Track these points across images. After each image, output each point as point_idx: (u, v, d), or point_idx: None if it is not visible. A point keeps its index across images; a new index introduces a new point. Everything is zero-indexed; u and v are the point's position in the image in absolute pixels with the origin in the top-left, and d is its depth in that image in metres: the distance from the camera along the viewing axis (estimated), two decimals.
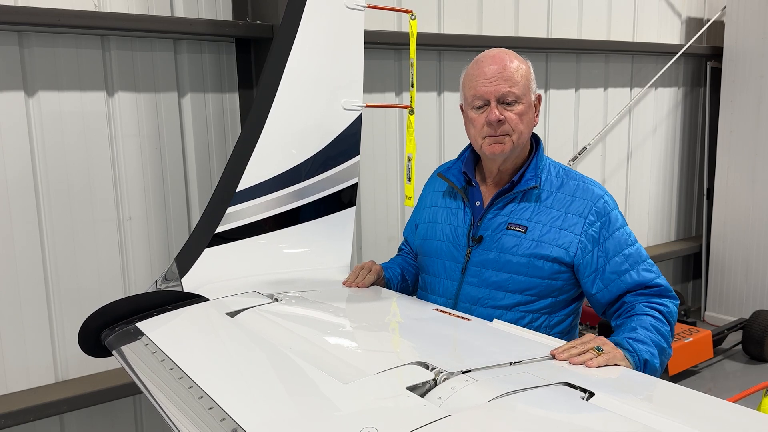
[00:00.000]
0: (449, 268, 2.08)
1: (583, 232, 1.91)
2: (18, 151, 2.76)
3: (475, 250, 2.01)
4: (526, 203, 1.98)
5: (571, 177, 2.01)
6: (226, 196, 2.32)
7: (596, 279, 1.91)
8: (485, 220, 2.01)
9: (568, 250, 1.91)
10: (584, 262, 1.91)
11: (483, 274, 1.99)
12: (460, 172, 2.11)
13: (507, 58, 1.94)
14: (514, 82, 1.91)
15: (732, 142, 5.42)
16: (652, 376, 1.56)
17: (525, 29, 4.44)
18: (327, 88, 2.46)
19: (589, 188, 1.97)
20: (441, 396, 1.34)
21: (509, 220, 1.97)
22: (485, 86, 1.92)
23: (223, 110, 3.32)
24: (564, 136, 4.85)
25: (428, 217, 2.21)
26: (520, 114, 1.93)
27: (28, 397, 2.83)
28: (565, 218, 1.93)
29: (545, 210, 1.95)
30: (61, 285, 2.92)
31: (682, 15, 5.54)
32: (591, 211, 1.92)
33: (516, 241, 1.94)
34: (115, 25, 2.84)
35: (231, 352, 1.73)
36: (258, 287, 2.15)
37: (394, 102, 3.86)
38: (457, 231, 2.07)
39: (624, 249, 1.91)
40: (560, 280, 1.95)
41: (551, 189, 1.98)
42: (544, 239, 1.92)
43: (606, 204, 1.95)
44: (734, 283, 5.51)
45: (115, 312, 2.02)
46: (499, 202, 2.00)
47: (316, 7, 2.39)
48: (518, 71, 1.93)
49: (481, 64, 1.96)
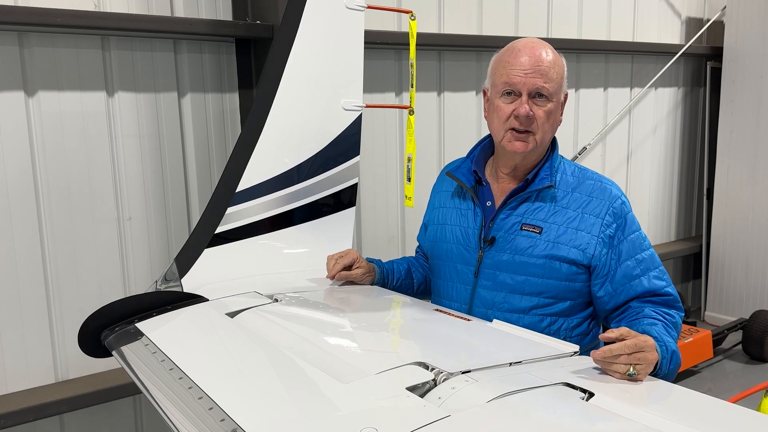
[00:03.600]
0: (461, 271, 2.01)
1: (601, 233, 1.85)
2: (18, 151, 2.76)
3: (488, 251, 1.94)
4: (540, 203, 1.91)
5: (588, 176, 1.94)
6: (226, 196, 2.32)
7: (606, 282, 1.86)
8: (498, 221, 1.94)
9: (585, 251, 1.85)
10: (600, 264, 1.85)
11: (497, 277, 1.92)
12: (469, 171, 2.04)
13: (545, 51, 1.86)
14: (550, 78, 1.84)
15: (732, 142, 5.42)
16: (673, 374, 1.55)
17: (525, 29, 4.44)
18: (327, 89, 2.46)
19: (607, 188, 1.91)
20: (441, 396, 1.34)
21: (523, 220, 1.91)
22: (519, 76, 1.83)
23: (223, 110, 3.32)
24: (564, 136, 4.85)
25: (437, 218, 2.14)
26: (548, 112, 1.86)
27: (28, 397, 2.82)
28: (582, 219, 1.86)
29: (561, 210, 1.89)
30: (61, 285, 2.92)
31: (682, 15, 5.54)
32: (608, 212, 1.86)
33: (531, 242, 1.88)
34: (115, 25, 2.83)
35: (231, 353, 1.73)
36: (258, 287, 2.15)
37: (394, 102, 3.85)
38: (468, 232, 2.00)
39: (637, 253, 1.86)
40: (578, 281, 1.88)
41: (567, 188, 1.92)
42: (560, 240, 1.86)
43: (623, 205, 1.89)
44: (734, 283, 5.50)
45: (114, 312, 2.01)
46: (513, 201, 1.94)
47: (316, 7, 2.39)
48: (555, 67, 1.85)
49: (518, 53, 1.85)
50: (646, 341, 1.50)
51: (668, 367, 1.60)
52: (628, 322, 1.80)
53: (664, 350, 1.58)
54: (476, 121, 4.18)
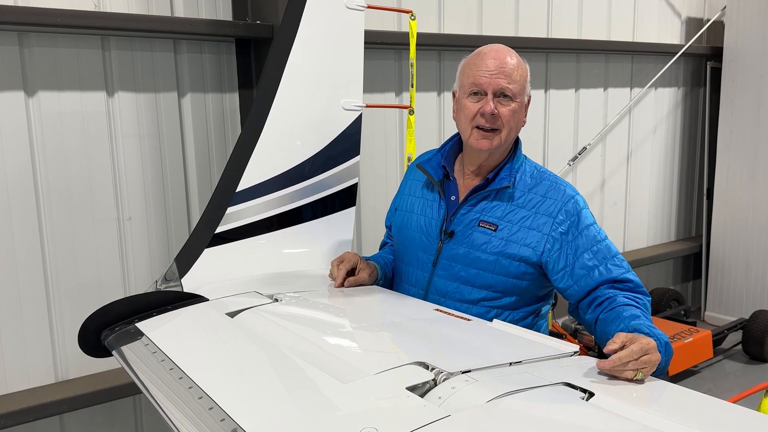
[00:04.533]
0: (421, 258, 2.12)
1: (552, 231, 1.93)
2: (18, 151, 2.76)
3: (447, 244, 2.04)
4: (498, 202, 2.01)
5: (545, 177, 2.04)
6: (226, 196, 2.32)
7: (565, 276, 1.93)
8: (458, 215, 2.04)
9: (535, 249, 1.94)
10: (552, 259, 1.93)
11: (452, 268, 2.03)
12: (439, 165, 2.13)
13: (509, 55, 1.98)
14: (513, 80, 1.95)
15: (732, 142, 5.42)
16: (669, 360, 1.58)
17: (525, 29, 4.44)
18: (327, 88, 2.46)
19: (561, 188, 2.00)
20: (441, 396, 1.34)
21: (481, 217, 2.01)
22: (485, 77, 1.94)
23: (223, 110, 3.32)
24: (564, 136, 4.85)
25: (406, 205, 2.24)
26: (512, 111, 1.96)
27: (28, 397, 2.83)
28: (534, 218, 1.96)
29: (516, 209, 1.99)
30: (61, 285, 2.92)
31: (682, 15, 5.54)
32: (561, 211, 1.95)
33: (486, 238, 1.98)
34: (115, 25, 2.83)
35: (231, 353, 1.73)
36: (258, 287, 2.15)
37: (394, 102, 3.86)
38: (431, 223, 2.11)
39: (593, 246, 1.93)
40: (526, 280, 1.98)
41: (524, 188, 2.01)
42: (513, 239, 1.96)
43: (576, 203, 1.97)
44: (734, 283, 5.51)
45: (115, 312, 2.01)
46: (473, 198, 2.04)
47: (316, 7, 2.39)
48: (518, 70, 1.97)
49: (483, 56, 1.98)
50: (649, 343, 1.53)
51: (665, 359, 1.65)
52: (605, 313, 1.85)
53: (660, 345, 1.61)
54: None
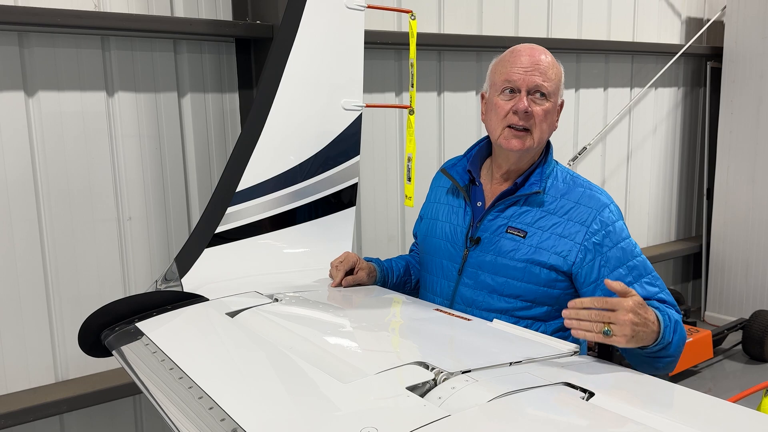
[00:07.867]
0: (446, 267, 2.05)
1: (585, 241, 1.84)
2: (18, 151, 2.76)
3: (473, 251, 1.97)
4: (528, 207, 1.92)
5: (578, 184, 1.95)
6: (226, 196, 2.32)
7: (596, 290, 1.83)
8: (485, 222, 1.97)
9: (566, 258, 1.85)
10: (583, 271, 1.84)
11: (479, 276, 1.95)
12: (464, 170, 2.07)
13: (544, 53, 1.92)
14: (548, 78, 1.88)
15: (732, 142, 5.42)
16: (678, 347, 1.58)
17: (525, 29, 4.44)
18: (327, 88, 2.46)
19: (595, 196, 1.90)
20: (441, 396, 1.33)
21: (509, 223, 1.93)
22: (519, 74, 1.88)
23: (223, 110, 3.32)
24: (564, 136, 4.85)
25: (431, 213, 2.18)
26: (546, 111, 1.89)
27: (28, 397, 2.83)
28: (566, 225, 1.87)
29: (547, 216, 1.90)
30: (61, 285, 2.92)
31: (682, 15, 5.54)
32: (595, 220, 1.85)
33: (514, 245, 1.90)
34: (115, 25, 2.83)
35: (231, 352, 1.73)
36: (258, 287, 2.15)
37: (394, 102, 3.86)
38: (456, 230, 2.04)
39: (629, 261, 1.84)
40: (557, 288, 1.88)
41: (556, 194, 1.92)
42: (542, 246, 1.87)
43: (611, 213, 1.87)
44: (734, 283, 5.51)
45: (115, 312, 2.01)
46: (501, 204, 1.96)
47: (316, 7, 2.39)
48: (553, 68, 1.91)
49: (518, 53, 1.92)
50: (620, 302, 1.50)
51: (672, 335, 1.63)
52: None
53: (666, 318, 1.61)
54: (476, 121, 4.17)
